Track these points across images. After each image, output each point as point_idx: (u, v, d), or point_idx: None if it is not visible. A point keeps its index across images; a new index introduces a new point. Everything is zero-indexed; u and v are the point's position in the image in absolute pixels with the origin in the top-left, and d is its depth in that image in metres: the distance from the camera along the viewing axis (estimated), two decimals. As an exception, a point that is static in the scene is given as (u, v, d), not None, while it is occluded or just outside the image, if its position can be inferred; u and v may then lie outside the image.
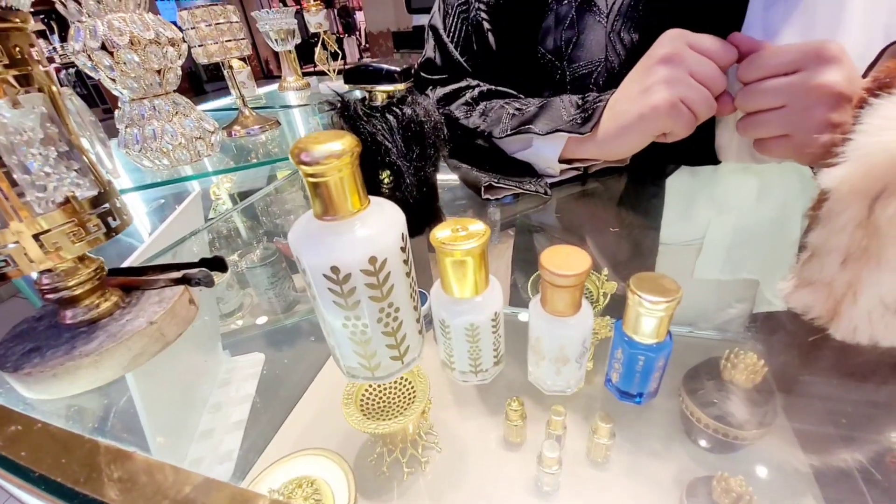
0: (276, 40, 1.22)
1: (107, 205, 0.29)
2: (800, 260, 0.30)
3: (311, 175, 0.20)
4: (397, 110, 0.36)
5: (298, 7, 1.27)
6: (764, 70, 0.35)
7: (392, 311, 0.24)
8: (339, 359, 0.26)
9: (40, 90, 0.25)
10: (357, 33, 5.96)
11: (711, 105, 0.38)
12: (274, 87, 1.47)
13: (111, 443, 0.25)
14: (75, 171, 0.26)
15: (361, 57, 5.62)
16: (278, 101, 1.33)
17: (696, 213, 0.57)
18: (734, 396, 0.40)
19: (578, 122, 0.42)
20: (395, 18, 4.17)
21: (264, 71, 5.82)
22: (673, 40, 0.38)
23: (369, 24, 4.49)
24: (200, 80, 4.90)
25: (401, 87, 0.36)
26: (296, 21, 1.24)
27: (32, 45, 0.26)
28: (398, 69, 0.35)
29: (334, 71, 1.37)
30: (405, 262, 0.24)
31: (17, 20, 0.25)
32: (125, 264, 0.45)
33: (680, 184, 0.55)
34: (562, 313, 0.21)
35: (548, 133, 0.42)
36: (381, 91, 0.36)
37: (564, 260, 0.20)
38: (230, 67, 0.87)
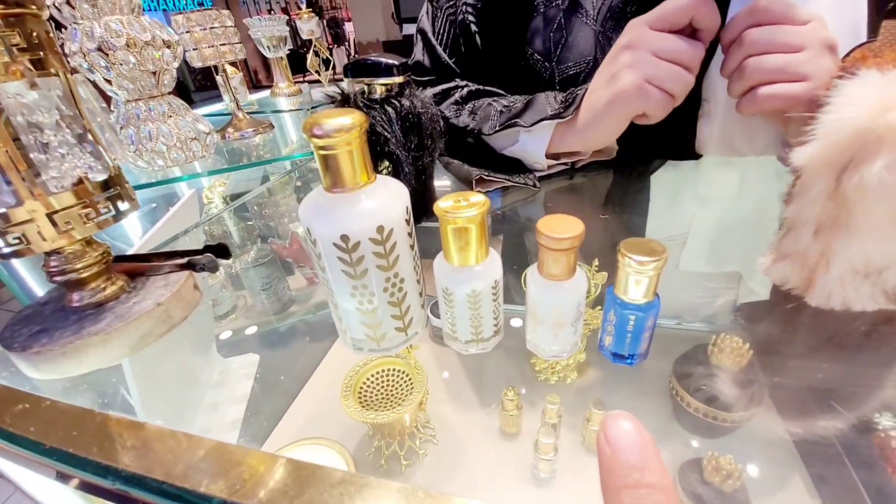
0: (268, 47, 1.23)
1: (116, 188, 0.29)
2: (778, 236, 0.32)
3: (322, 147, 0.22)
4: (395, 102, 0.38)
5: (288, 17, 1.29)
6: (771, 15, 0.35)
7: (398, 282, 0.25)
8: (346, 331, 0.27)
9: (56, 74, 0.26)
10: (346, 44, 6.02)
11: (682, 79, 0.38)
12: (265, 94, 1.48)
13: (122, 415, 0.25)
14: (88, 153, 0.27)
15: (350, 67, 5.64)
16: (270, 106, 1.34)
17: (681, 207, 0.59)
18: (722, 380, 0.42)
19: (561, 110, 0.44)
20: (384, 28, 4.23)
21: (253, 81, 5.82)
22: (633, 27, 0.39)
23: (358, 35, 4.54)
24: (188, 90, 4.88)
25: (399, 79, 0.38)
26: (287, 28, 1.25)
27: (48, 32, 0.27)
28: (396, 63, 0.37)
29: (327, 78, 1.39)
30: (409, 234, 0.25)
31: (33, 6, 0.26)
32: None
33: (664, 179, 0.57)
34: (557, 277, 0.23)
35: (533, 124, 0.44)
36: (380, 84, 0.38)
37: (559, 225, 0.22)
38: (224, 72, 0.88)
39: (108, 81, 0.64)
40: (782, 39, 0.34)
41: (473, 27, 0.55)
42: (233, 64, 1.30)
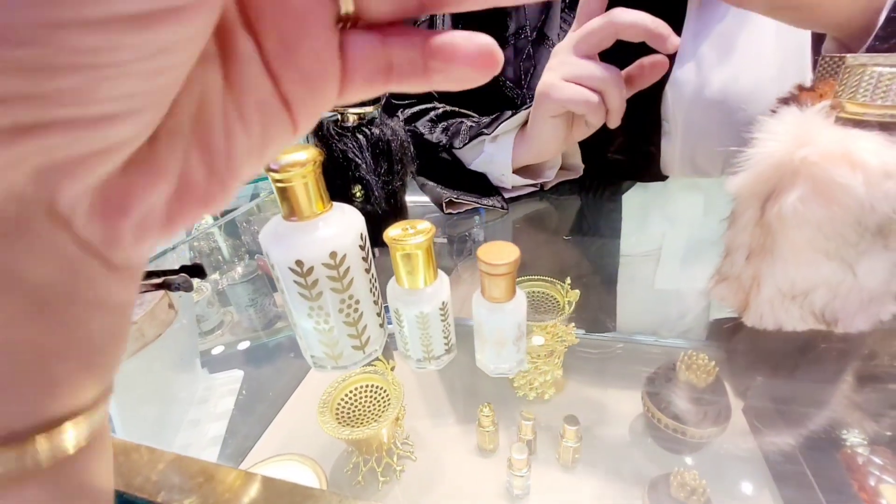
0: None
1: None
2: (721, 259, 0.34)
3: (279, 181, 0.23)
4: (367, 130, 0.40)
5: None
6: None
7: (353, 303, 0.27)
8: (306, 349, 0.29)
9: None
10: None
11: (596, 73, 0.38)
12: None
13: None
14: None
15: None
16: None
17: (651, 226, 0.61)
18: (689, 396, 0.43)
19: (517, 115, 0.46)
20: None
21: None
22: (557, 52, 0.41)
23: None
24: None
25: (370, 109, 0.40)
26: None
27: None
28: (367, 94, 0.39)
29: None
30: (364, 259, 0.27)
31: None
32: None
33: (635, 199, 0.60)
34: (498, 299, 0.24)
35: (493, 132, 0.47)
36: (353, 113, 0.40)
37: (497, 253, 0.23)
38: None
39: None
40: None
41: None
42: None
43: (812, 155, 0.24)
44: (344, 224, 0.25)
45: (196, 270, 0.37)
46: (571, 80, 0.39)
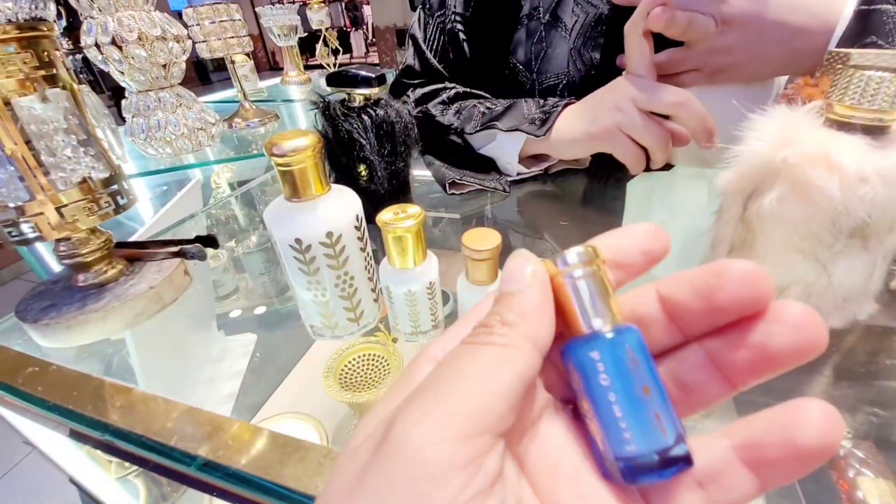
0: (278, 35, 1.26)
1: (116, 185, 0.34)
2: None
3: (281, 165, 0.25)
4: (372, 111, 0.41)
5: (303, 2, 1.32)
6: None
7: (348, 279, 0.29)
8: (306, 319, 0.31)
9: (64, 88, 0.30)
10: (364, 27, 6.00)
11: (656, 135, 0.42)
12: (277, 80, 1.52)
13: (114, 380, 0.30)
14: (91, 155, 0.31)
15: (368, 51, 5.65)
16: (280, 94, 1.38)
17: (653, 214, 0.62)
18: None
19: (537, 123, 0.47)
20: (401, 14, 4.21)
21: (270, 63, 5.87)
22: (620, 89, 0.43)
23: (376, 19, 4.53)
24: (206, 71, 4.95)
25: (375, 90, 0.41)
26: (298, 18, 1.28)
27: (57, 49, 0.31)
28: (373, 75, 0.40)
29: (335, 66, 1.42)
30: (360, 239, 0.29)
31: (45, 28, 0.30)
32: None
33: (639, 187, 0.60)
34: (481, 282, 0.26)
35: (509, 130, 0.47)
36: (359, 94, 0.41)
37: (481, 238, 0.25)
38: (233, 62, 0.92)
39: (121, 73, 0.69)
40: None
41: (462, 35, 0.58)
42: (245, 53, 1.34)
43: (793, 156, 0.25)
44: (341, 206, 0.27)
45: (209, 241, 0.40)
46: (627, 132, 0.42)
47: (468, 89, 0.58)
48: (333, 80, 0.42)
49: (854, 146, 0.24)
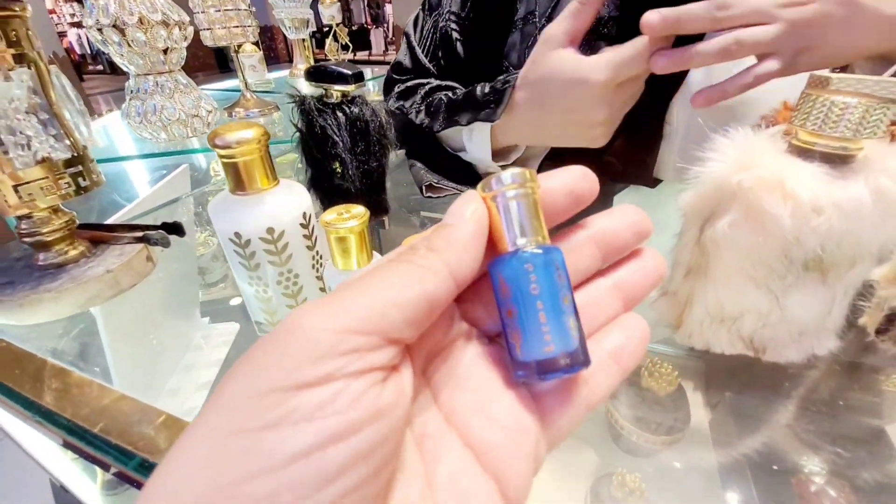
0: (290, 28, 1.27)
1: (79, 167, 0.34)
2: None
3: (224, 157, 0.25)
4: (346, 108, 0.41)
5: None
6: None
7: (292, 277, 0.28)
8: (252, 316, 0.31)
9: (29, 67, 0.30)
10: (385, 26, 6.02)
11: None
12: (286, 73, 1.53)
13: (56, 362, 0.30)
14: (52, 136, 0.31)
15: (387, 49, 5.67)
16: (287, 87, 1.39)
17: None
18: (649, 403, 0.44)
19: (492, 105, 0.45)
20: (421, 14, 4.21)
21: (290, 56, 5.91)
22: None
23: (396, 18, 4.54)
24: (226, 58, 5.01)
25: (351, 87, 0.40)
26: (311, 12, 1.29)
27: (27, 29, 0.31)
28: (350, 72, 0.40)
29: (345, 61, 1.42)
30: (307, 237, 0.29)
31: (17, 9, 0.30)
32: (109, 222, 0.50)
33: (627, 201, 0.59)
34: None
35: (468, 123, 0.46)
36: (336, 90, 0.41)
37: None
38: (236, 52, 0.92)
39: (121, 56, 0.69)
40: None
41: (455, 35, 0.57)
42: (255, 43, 1.34)
43: (748, 180, 0.24)
44: (286, 202, 0.27)
45: (175, 228, 0.40)
46: None
47: (442, 83, 0.57)
48: (312, 75, 0.42)
49: (811, 175, 0.23)
